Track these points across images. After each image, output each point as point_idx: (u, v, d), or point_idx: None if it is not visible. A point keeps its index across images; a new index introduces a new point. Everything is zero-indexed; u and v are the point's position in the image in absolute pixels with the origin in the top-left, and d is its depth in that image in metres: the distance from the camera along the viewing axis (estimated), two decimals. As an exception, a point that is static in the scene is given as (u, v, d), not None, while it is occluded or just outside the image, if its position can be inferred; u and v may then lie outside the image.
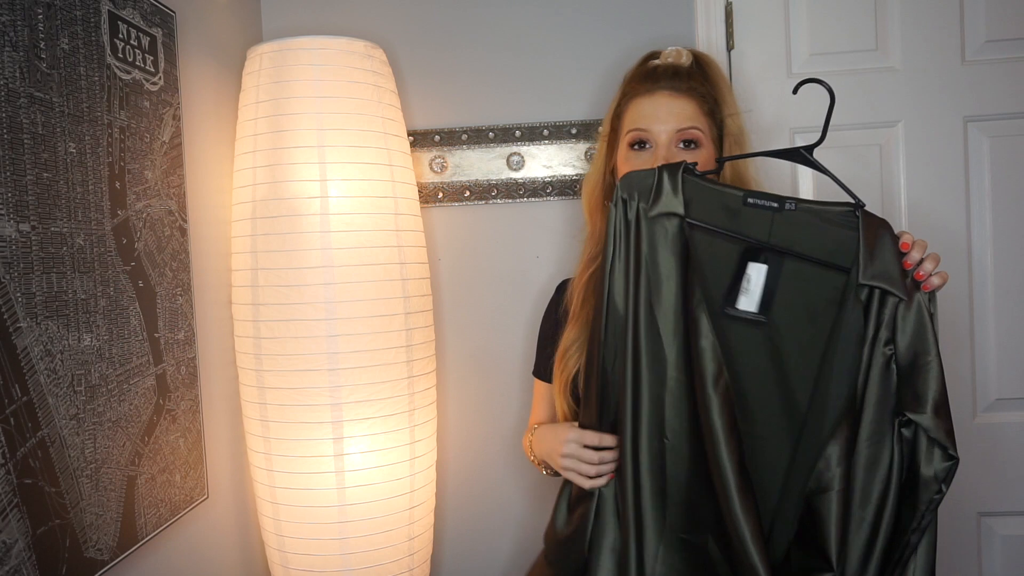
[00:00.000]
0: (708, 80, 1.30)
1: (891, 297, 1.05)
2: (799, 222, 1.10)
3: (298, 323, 1.34)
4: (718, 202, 1.12)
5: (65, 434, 0.97)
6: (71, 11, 1.01)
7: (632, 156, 1.29)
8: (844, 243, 1.08)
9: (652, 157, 1.26)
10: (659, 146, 1.26)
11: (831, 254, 1.08)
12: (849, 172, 1.64)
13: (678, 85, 1.27)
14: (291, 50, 1.38)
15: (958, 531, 1.65)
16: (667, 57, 1.32)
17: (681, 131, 1.26)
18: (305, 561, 1.39)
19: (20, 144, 0.90)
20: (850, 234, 1.08)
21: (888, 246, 1.06)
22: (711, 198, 1.12)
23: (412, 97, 1.71)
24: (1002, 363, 1.63)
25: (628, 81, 1.35)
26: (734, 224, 1.11)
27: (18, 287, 0.89)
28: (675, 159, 1.23)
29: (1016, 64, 1.60)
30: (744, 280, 1.10)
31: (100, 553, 1.03)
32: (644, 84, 1.30)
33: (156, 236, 1.20)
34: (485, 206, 1.72)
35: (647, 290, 1.12)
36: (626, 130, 1.30)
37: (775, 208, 1.10)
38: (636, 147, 1.29)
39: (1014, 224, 1.62)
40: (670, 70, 1.29)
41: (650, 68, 1.32)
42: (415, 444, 1.43)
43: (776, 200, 1.10)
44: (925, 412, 1.03)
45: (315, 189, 1.35)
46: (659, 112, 1.26)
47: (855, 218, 1.08)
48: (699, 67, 1.31)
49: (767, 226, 1.10)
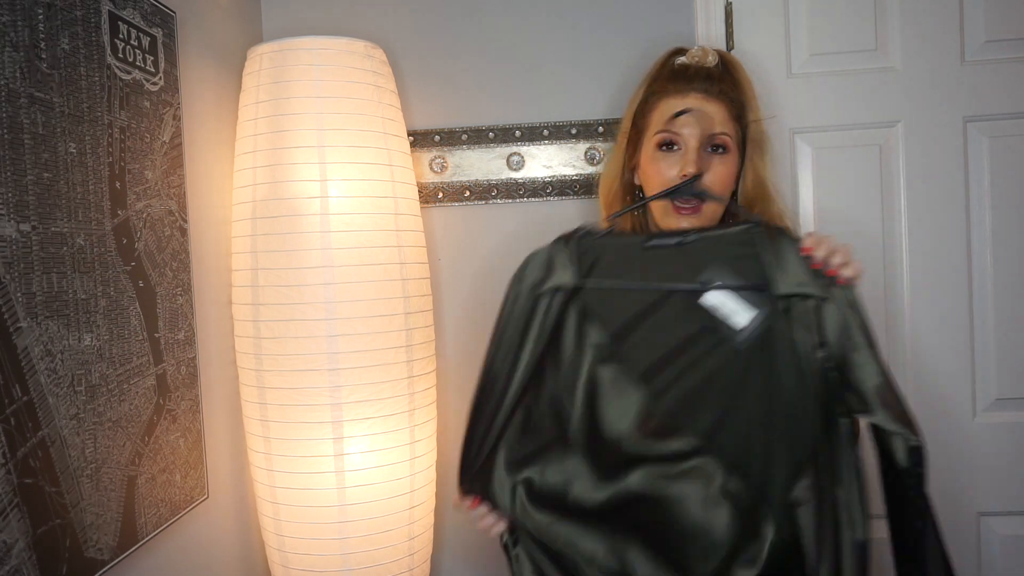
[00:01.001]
0: (737, 84, 1.30)
1: (811, 300, 1.06)
2: (700, 251, 1.11)
3: (298, 323, 1.34)
4: (622, 253, 1.15)
5: (65, 434, 0.97)
6: (71, 11, 1.01)
7: (660, 157, 1.28)
8: (751, 261, 1.09)
9: (682, 160, 1.25)
10: (689, 149, 1.25)
11: (742, 275, 1.09)
12: (849, 172, 1.65)
13: (710, 88, 1.26)
14: (291, 50, 1.38)
15: (958, 531, 1.64)
16: (695, 56, 1.31)
17: (711, 135, 1.26)
18: (305, 561, 1.39)
19: (20, 144, 0.90)
20: (753, 251, 1.09)
21: (792, 253, 1.08)
22: (615, 252, 1.16)
23: (412, 97, 1.71)
24: (1002, 363, 1.63)
25: (655, 78, 1.34)
26: (638, 270, 1.14)
27: (18, 287, 0.89)
28: (704, 163, 1.24)
29: (1016, 64, 1.60)
30: (712, 311, 1.10)
31: (100, 553, 1.03)
32: (675, 84, 1.29)
33: (156, 236, 1.20)
34: (485, 206, 1.72)
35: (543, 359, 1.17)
36: (654, 130, 1.29)
37: (676, 244, 1.12)
38: (664, 148, 1.28)
39: (1014, 224, 1.62)
40: (703, 72, 1.28)
41: (680, 67, 1.31)
42: (415, 444, 1.43)
43: (675, 236, 1.12)
44: (870, 411, 1.03)
45: (315, 189, 1.35)
46: (691, 115, 1.26)
47: (754, 235, 1.10)
48: (727, 70, 1.31)
49: (669, 264, 1.13)
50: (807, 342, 1.06)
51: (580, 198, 1.70)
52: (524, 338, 1.18)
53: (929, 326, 1.64)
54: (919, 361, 1.64)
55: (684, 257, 1.12)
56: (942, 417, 1.64)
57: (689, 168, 1.23)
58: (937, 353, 1.64)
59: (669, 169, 1.26)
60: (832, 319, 1.05)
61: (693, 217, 1.25)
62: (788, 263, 1.07)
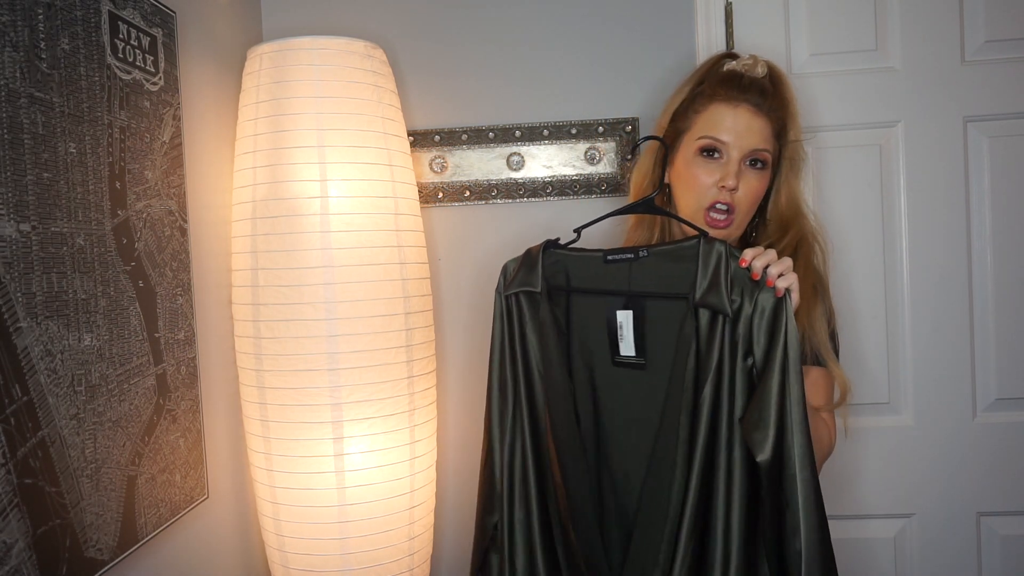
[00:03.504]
0: (784, 103, 1.31)
1: (744, 311, 1.09)
2: (651, 265, 1.17)
3: (298, 323, 1.34)
4: (585, 266, 1.22)
5: (65, 434, 0.97)
6: (71, 11, 1.01)
7: (701, 162, 1.28)
8: (687, 274, 1.14)
9: (723, 171, 1.26)
10: (731, 160, 1.26)
11: (674, 286, 1.15)
12: (849, 172, 1.65)
13: (761, 103, 1.27)
14: (291, 50, 1.38)
15: (958, 531, 1.65)
16: (745, 65, 1.30)
17: (754, 151, 1.26)
18: (305, 561, 1.39)
19: (20, 144, 0.90)
20: (692, 264, 1.13)
21: (721, 265, 1.10)
22: (580, 264, 1.23)
23: (412, 97, 1.71)
24: (1002, 363, 1.63)
25: (706, 81, 1.33)
26: (601, 282, 1.20)
27: (18, 287, 0.89)
28: (743, 175, 1.26)
29: (1016, 64, 1.60)
30: (619, 329, 1.18)
31: (100, 553, 1.03)
32: (728, 91, 1.28)
33: (156, 236, 1.20)
34: (485, 206, 1.72)
35: (524, 363, 1.24)
36: (699, 134, 1.29)
37: (631, 258, 1.18)
38: (705, 154, 1.28)
39: (1014, 224, 1.62)
40: (757, 85, 1.28)
41: (733, 75, 1.30)
42: (415, 444, 1.43)
43: (631, 252, 1.18)
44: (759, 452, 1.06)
45: (315, 189, 1.35)
46: (738, 126, 1.26)
47: (697, 247, 1.13)
48: (774, 84, 1.31)
49: (627, 276, 1.19)
50: (737, 352, 1.09)
51: (580, 198, 1.70)
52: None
53: (929, 326, 1.64)
54: (919, 361, 1.64)
55: (639, 268, 1.18)
56: (942, 417, 1.64)
57: (729, 180, 1.24)
58: (937, 353, 1.64)
59: (708, 176, 1.27)
60: (763, 331, 1.08)
61: (723, 231, 1.27)
62: (716, 274, 1.10)
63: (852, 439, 1.64)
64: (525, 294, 1.23)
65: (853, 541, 1.67)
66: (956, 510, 1.64)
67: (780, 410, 1.04)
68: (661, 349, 1.15)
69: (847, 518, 1.66)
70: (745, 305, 1.08)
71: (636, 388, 1.17)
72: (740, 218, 1.28)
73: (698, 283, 1.10)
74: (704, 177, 1.27)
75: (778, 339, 1.06)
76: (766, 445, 1.04)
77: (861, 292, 1.65)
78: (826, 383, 1.31)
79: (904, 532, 1.67)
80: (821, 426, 1.28)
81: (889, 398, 1.66)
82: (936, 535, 1.65)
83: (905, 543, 1.67)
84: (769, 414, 1.04)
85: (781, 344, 1.05)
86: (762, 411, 1.05)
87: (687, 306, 1.12)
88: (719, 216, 1.26)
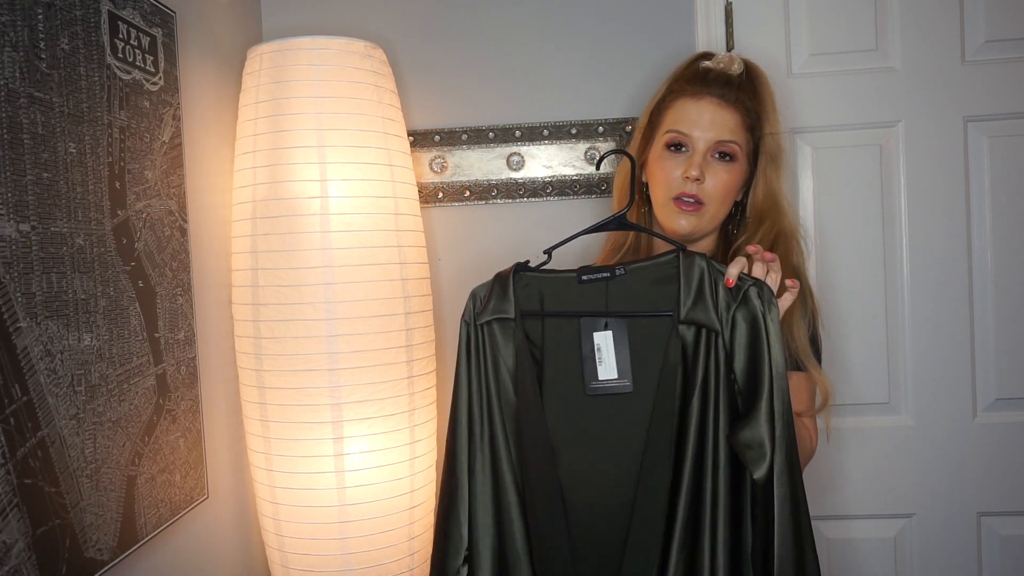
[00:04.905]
0: (756, 95, 1.31)
1: (728, 325, 1.07)
2: (629, 284, 1.13)
3: (298, 323, 1.34)
4: (560, 288, 1.16)
5: (65, 434, 0.97)
6: (71, 11, 1.01)
7: (667, 157, 1.29)
8: (668, 291, 1.11)
9: (687, 163, 1.26)
10: (696, 152, 1.26)
11: (656, 304, 1.11)
12: (849, 172, 1.65)
13: (727, 95, 1.27)
14: (291, 50, 1.38)
15: (958, 531, 1.65)
16: (719, 62, 1.31)
17: (720, 143, 1.26)
18: (305, 561, 1.39)
19: (20, 144, 0.90)
20: (673, 281, 1.10)
21: (705, 280, 1.08)
22: (554, 286, 1.16)
23: (412, 97, 1.71)
24: (1002, 363, 1.63)
25: (676, 79, 1.34)
26: (577, 304, 1.14)
27: (18, 287, 0.89)
28: (709, 168, 1.25)
29: (1016, 64, 1.60)
30: (598, 351, 1.13)
31: (100, 553, 1.03)
32: (693, 86, 1.29)
33: (156, 236, 1.20)
34: (485, 206, 1.72)
35: (496, 395, 1.16)
36: (665, 129, 1.30)
37: (608, 277, 1.13)
38: (672, 148, 1.29)
39: (1014, 224, 1.62)
40: (722, 77, 1.29)
41: (701, 71, 1.31)
42: (415, 444, 1.43)
43: (608, 270, 1.13)
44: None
45: (315, 189, 1.35)
46: (702, 119, 1.26)
47: (677, 263, 1.11)
48: (749, 79, 1.31)
49: (603, 296, 1.14)
50: (720, 366, 1.07)
51: (580, 198, 1.70)
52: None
53: (929, 326, 1.64)
54: (919, 361, 1.64)
55: (616, 288, 1.13)
56: (942, 417, 1.64)
57: (692, 171, 1.24)
58: (937, 353, 1.64)
59: (674, 169, 1.27)
60: (741, 345, 1.06)
61: (694, 216, 1.26)
62: (700, 288, 1.08)
63: (852, 439, 1.65)
64: (498, 321, 1.15)
65: (853, 541, 1.67)
66: (956, 510, 1.64)
67: (771, 425, 1.03)
68: (644, 370, 1.11)
69: (847, 518, 1.66)
70: (735, 318, 1.07)
71: (618, 411, 1.12)
72: (712, 210, 1.28)
73: (682, 299, 1.08)
74: (672, 170, 1.28)
75: (762, 353, 1.04)
76: (763, 463, 1.03)
77: (861, 292, 1.65)
78: (808, 388, 1.30)
79: (904, 532, 1.67)
80: (802, 430, 1.26)
81: (889, 398, 1.66)
82: (936, 535, 1.65)
83: (905, 543, 1.67)
84: (762, 432, 1.03)
85: (766, 358, 1.04)
86: (754, 430, 1.03)
87: (671, 324, 1.09)
88: (687, 200, 1.26)
